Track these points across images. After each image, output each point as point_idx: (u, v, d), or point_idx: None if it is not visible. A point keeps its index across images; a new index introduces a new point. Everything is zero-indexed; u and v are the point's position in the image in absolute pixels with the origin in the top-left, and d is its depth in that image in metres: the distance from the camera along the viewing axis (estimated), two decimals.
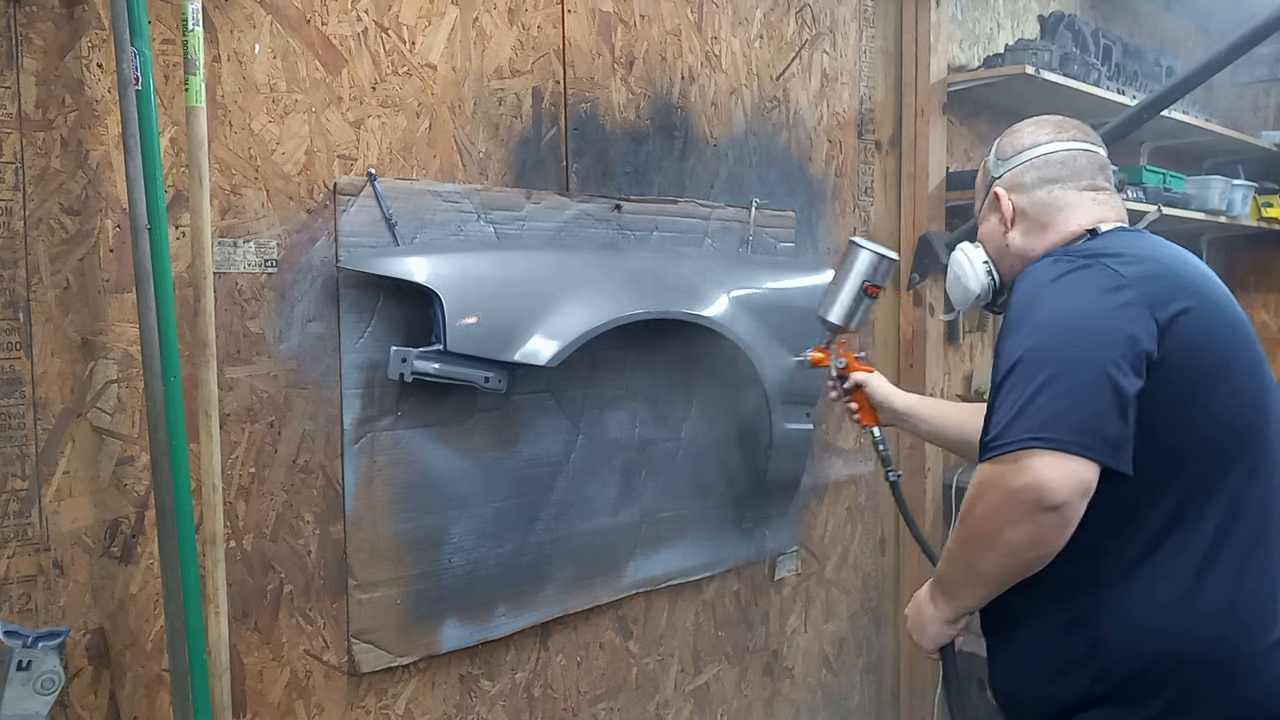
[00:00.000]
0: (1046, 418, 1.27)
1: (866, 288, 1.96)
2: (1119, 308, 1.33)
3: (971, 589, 1.45)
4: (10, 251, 1.47)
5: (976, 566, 1.40)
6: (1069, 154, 1.56)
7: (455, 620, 1.97)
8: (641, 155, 2.28)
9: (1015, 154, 1.59)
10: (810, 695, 2.81)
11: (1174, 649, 1.34)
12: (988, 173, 1.64)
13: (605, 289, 2.03)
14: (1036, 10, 3.45)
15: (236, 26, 1.67)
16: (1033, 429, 1.27)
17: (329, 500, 1.81)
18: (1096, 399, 1.27)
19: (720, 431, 2.43)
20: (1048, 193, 1.54)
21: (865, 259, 1.96)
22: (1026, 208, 1.56)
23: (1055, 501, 1.25)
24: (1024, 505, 1.27)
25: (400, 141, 1.87)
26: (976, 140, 3.23)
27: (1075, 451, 1.25)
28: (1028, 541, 1.30)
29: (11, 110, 1.46)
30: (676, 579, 2.38)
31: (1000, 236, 1.59)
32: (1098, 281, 1.37)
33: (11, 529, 1.49)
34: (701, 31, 2.39)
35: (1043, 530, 1.28)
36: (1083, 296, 1.36)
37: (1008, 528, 1.30)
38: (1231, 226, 3.82)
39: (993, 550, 1.35)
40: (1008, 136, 1.63)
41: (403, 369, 1.78)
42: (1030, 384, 1.29)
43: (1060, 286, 1.39)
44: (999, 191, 1.58)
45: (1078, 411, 1.27)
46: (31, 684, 1.39)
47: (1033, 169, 1.56)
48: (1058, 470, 1.25)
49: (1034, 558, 1.32)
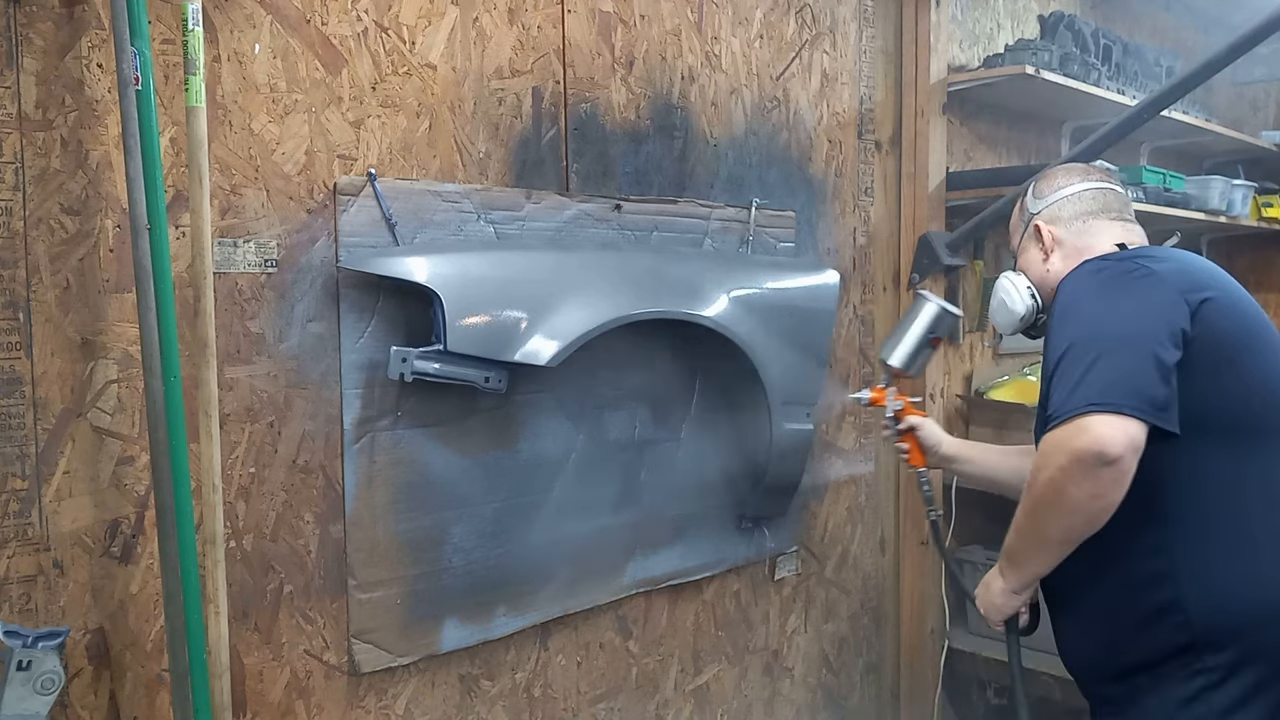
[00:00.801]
0: (1101, 386, 1.43)
1: (931, 339, 2.14)
2: (1154, 292, 1.53)
3: (1038, 554, 1.60)
4: (10, 251, 1.47)
5: (1044, 530, 1.54)
6: (1099, 191, 1.80)
7: (455, 620, 1.97)
8: (641, 155, 2.28)
9: (1052, 193, 1.81)
10: (810, 695, 2.81)
11: (1245, 600, 1.49)
12: (1025, 210, 1.86)
13: (605, 289, 2.03)
14: (1036, 10, 3.45)
15: (236, 26, 1.67)
16: (1090, 396, 1.43)
17: (329, 500, 1.81)
18: (1142, 368, 1.44)
19: (720, 431, 2.43)
20: (1083, 223, 1.77)
21: (931, 311, 2.13)
22: (1064, 237, 1.77)
23: (1113, 456, 1.40)
24: (1085, 462, 1.42)
25: (400, 141, 1.87)
26: (976, 140, 3.23)
27: (1126, 412, 1.41)
28: (1088, 495, 1.44)
29: (11, 110, 1.46)
30: (676, 579, 2.38)
31: (1040, 264, 1.80)
32: (1133, 273, 1.58)
33: (11, 529, 1.49)
34: (701, 31, 2.39)
35: (1102, 484, 1.42)
36: (1121, 287, 1.56)
37: (1071, 485, 1.44)
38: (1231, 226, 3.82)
39: (1058, 510, 1.49)
40: (1043, 180, 1.86)
41: (403, 369, 1.78)
42: (1082, 364, 1.47)
43: (1100, 281, 1.60)
44: (1039, 224, 1.80)
45: (1127, 380, 1.44)
46: (31, 684, 1.39)
47: (1069, 204, 1.79)
48: (1113, 428, 1.41)
49: (1096, 511, 1.46)
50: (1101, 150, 2.54)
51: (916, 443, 2.14)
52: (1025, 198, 1.88)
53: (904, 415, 2.14)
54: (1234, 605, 1.49)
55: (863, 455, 2.91)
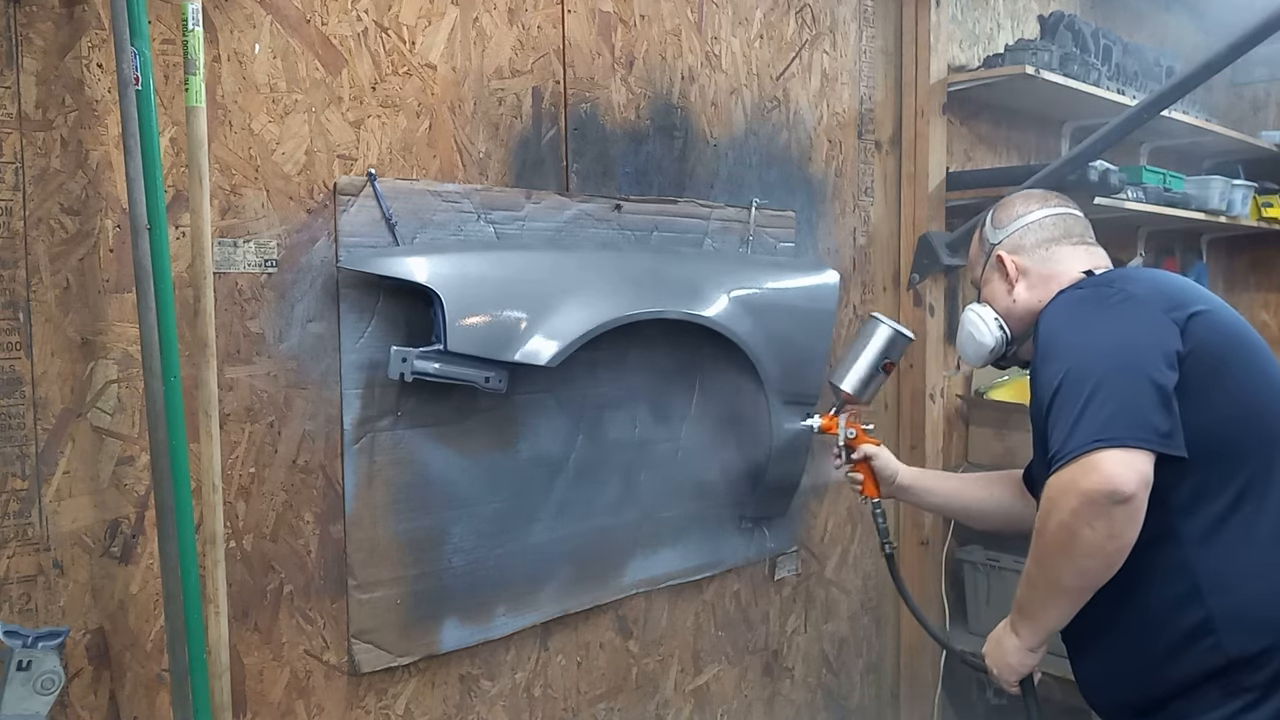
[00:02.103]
0: (1102, 420, 1.39)
1: (884, 364, 2.02)
2: (1140, 316, 1.50)
3: (1056, 605, 1.52)
4: (10, 251, 1.47)
5: (1059, 578, 1.48)
6: (1060, 217, 1.76)
7: (455, 620, 1.97)
8: (641, 155, 2.28)
9: (1012, 221, 1.78)
10: (810, 695, 2.81)
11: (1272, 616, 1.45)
12: (985, 240, 1.82)
13: (605, 289, 2.03)
14: (1036, 10, 3.45)
15: (236, 26, 1.67)
16: (1093, 433, 1.39)
17: (329, 500, 1.81)
18: (1142, 397, 1.40)
19: (720, 431, 2.43)
20: (1047, 250, 1.73)
21: (884, 335, 2.01)
22: (1029, 266, 1.74)
23: (1126, 494, 1.36)
24: (1097, 503, 1.37)
25: (400, 141, 1.87)
26: (976, 140, 3.23)
27: (1133, 445, 1.37)
28: (1104, 537, 1.39)
29: (11, 110, 1.46)
30: (676, 579, 2.38)
31: (1006, 295, 1.76)
32: (1112, 299, 1.54)
33: (11, 529, 1.49)
34: (701, 31, 2.39)
35: (1117, 524, 1.38)
36: (1104, 314, 1.53)
37: (1085, 527, 1.39)
38: (1231, 226, 3.82)
39: (1072, 555, 1.43)
40: (1001, 209, 1.82)
41: (403, 369, 1.78)
42: (1079, 398, 1.42)
43: (1081, 312, 1.56)
44: (1001, 254, 1.76)
45: (1128, 410, 1.39)
46: (31, 684, 1.39)
47: (1031, 232, 1.75)
48: (1122, 465, 1.36)
49: (1113, 552, 1.41)
50: (1101, 150, 2.54)
51: (871, 473, 2.05)
52: (984, 228, 1.83)
53: (857, 444, 2.05)
54: (1266, 619, 1.45)
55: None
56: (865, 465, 2.05)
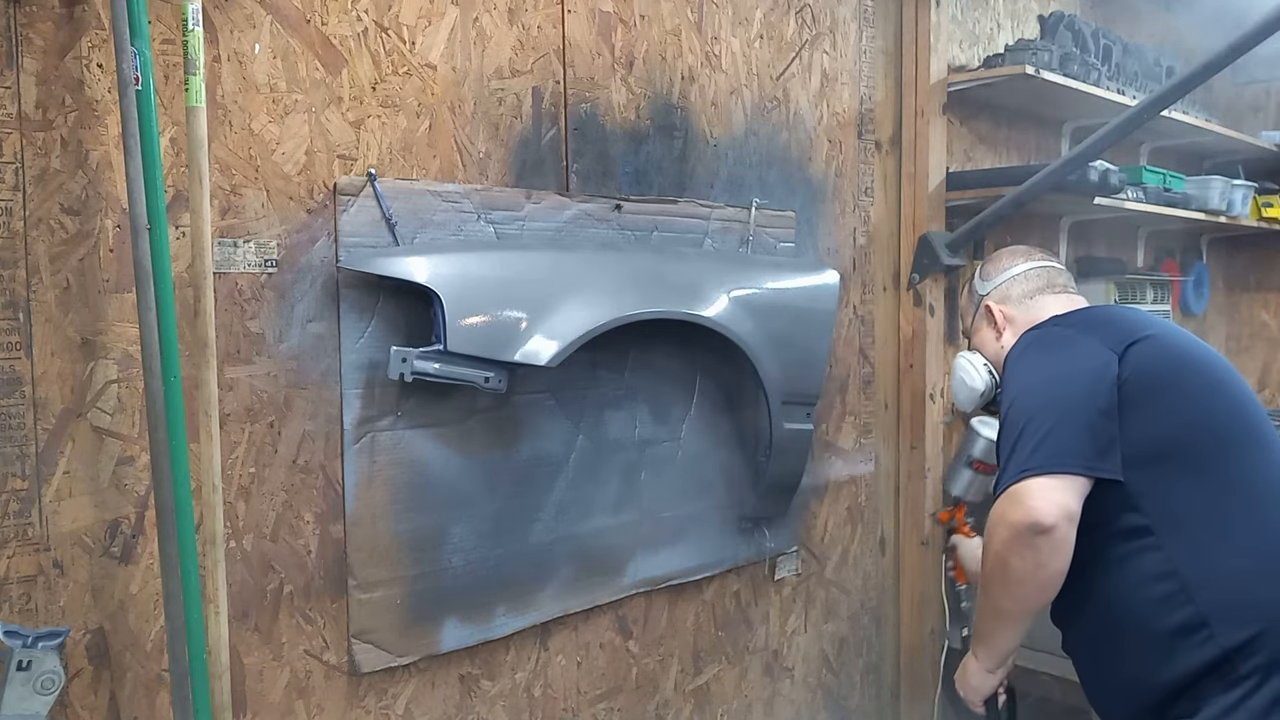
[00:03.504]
0: (1028, 452, 1.50)
1: (975, 464, 2.54)
2: (1077, 350, 1.61)
3: (1001, 630, 1.66)
4: (10, 251, 1.47)
5: (999, 604, 1.60)
6: (1043, 269, 1.92)
7: (455, 620, 1.97)
8: (641, 155, 2.28)
9: (999, 274, 1.94)
10: (810, 695, 2.81)
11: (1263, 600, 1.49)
12: (975, 292, 1.99)
13: (605, 289, 2.03)
14: (1036, 10, 3.45)
15: (236, 26, 1.67)
16: (1020, 464, 1.51)
17: (329, 500, 1.81)
18: (1067, 428, 1.51)
19: (720, 431, 2.43)
20: (1031, 299, 1.88)
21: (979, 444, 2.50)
22: (1015, 315, 1.89)
23: (1046, 525, 1.46)
24: (1021, 534, 1.48)
25: (400, 141, 1.87)
26: (976, 140, 3.23)
27: (1057, 472, 1.48)
28: (1032, 566, 1.49)
29: (11, 110, 1.46)
30: (676, 579, 2.38)
31: (994, 342, 1.92)
32: (1055, 339, 1.68)
33: (11, 529, 1.49)
34: (701, 31, 2.39)
35: (1042, 554, 1.47)
36: (1045, 353, 1.66)
37: (1013, 557, 1.50)
38: (1231, 226, 3.83)
39: (1006, 582, 1.54)
40: (990, 264, 1.99)
41: (403, 369, 1.78)
42: (1015, 432, 1.54)
43: (1029, 352, 1.70)
44: (989, 305, 1.93)
45: (1053, 441, 1.50)
46: (31, 684, 1.39)
47: (1017, 284, 1.91)
48: (1043, 499, 1.46)
49: (1043, 581, 1.50)
50: (1101, 150, 2.54)
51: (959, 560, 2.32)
52: (973, 281, 2.00)
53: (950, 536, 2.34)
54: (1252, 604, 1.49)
55: (863, 455, 2.91)
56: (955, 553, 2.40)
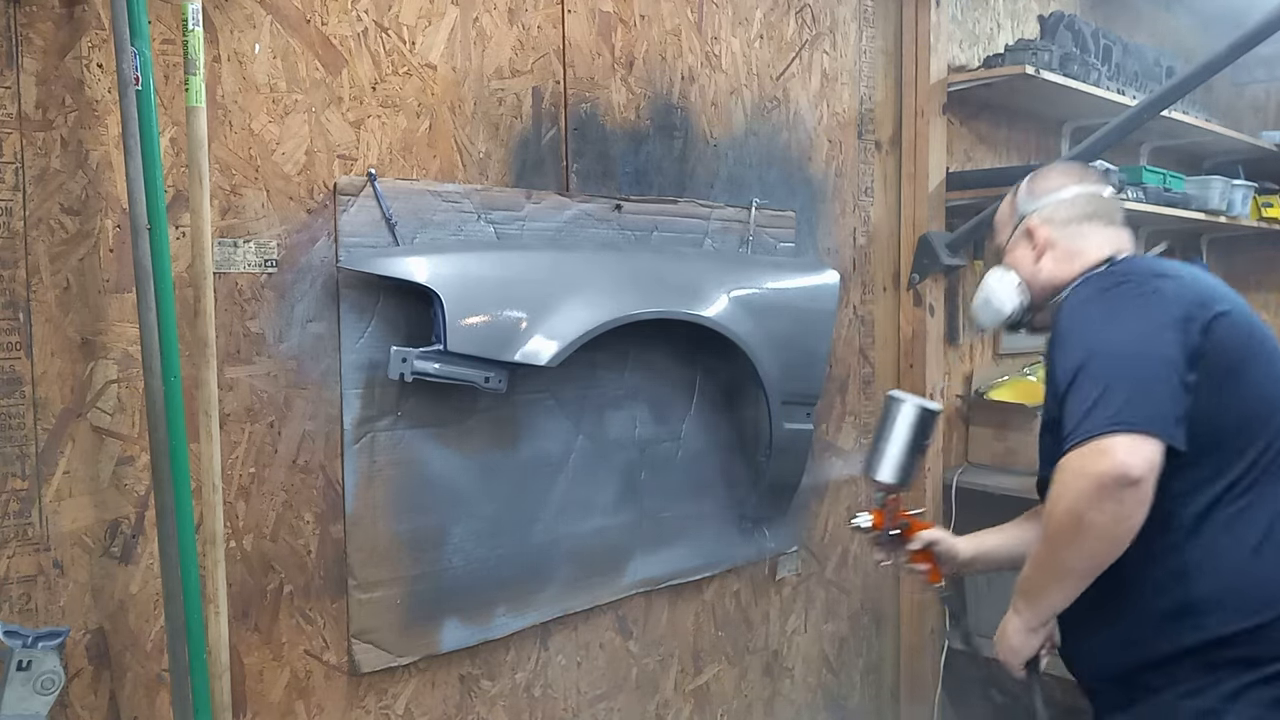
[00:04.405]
0: (1117, 406, 1.43)
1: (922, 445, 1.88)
2: (1166, 311, 1.52)
3: (1059, 587, 1.56)
4: (10, 251, 1.47)
5: (1066, 560, 1.51)
6: (1094, 196, 1.79)
7: (455, 620, 1.97)
8: (641, 155, 2.28)
9: (1047, 194, 1.80)
10: (810, 695, 2.81)
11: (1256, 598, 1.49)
12: (1018, 207, 1.85)
13: (605, 289, 2.03)
14: (1036, 10, 3.45)
15: (236, 26, 1.67)
16: (1108, 417, 1.43)
17: (329, 500, 1.81)
18: (1159, 388, 1.45)
19: (720, 431, 2.43)
20: (1077, 227, 1.76)
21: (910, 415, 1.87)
22: (1058, 239, 1.76)
23: (1135, 477, 1.40)
24: (1107, 486, 1.41)
25: (400, 141, 1.87)
26: (976, 140, 3.23)
27: (1146, 432, 1.41)
28: (1111, 519, 1.42)
29: (11, 110, 1.46)
30: (676, 579, 2.38)
31: (1031, 264, 1.79)
32: (1140, 292, 1.57)
33: (11, 529, 1.49)
34: (701, 31, 2.39)
35: (1126, 507, 1.41)
36: (1131, 306, 1.56)
37: (1093, 510, 1.42)
38: (1231, 226, 3.82)
39: (1081, 537, 1.46)
40: (1039, 179, 1.84)
41: (403, 369, 1.78)
42: (1097, 385, 1.46)
43: (1108, 301, 1.59)
44: (1033, 224, 1.79)
45: (1144, 399, 1.44)
46: (31, 684, 1.38)
47: (1064, 207, 1.78)
48: (1133, 450, 1.40)
49: (1120, 535, 1.44)
50: (1101, 150, 2.54)
51: (933, 558, 1.93)
52: (1018, 195, 1.86)
53: (912, 533, 1.91)
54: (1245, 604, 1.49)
55: (862, 455, 2.90)
56: (927, 553, 1.93)
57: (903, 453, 1.86)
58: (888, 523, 1.91)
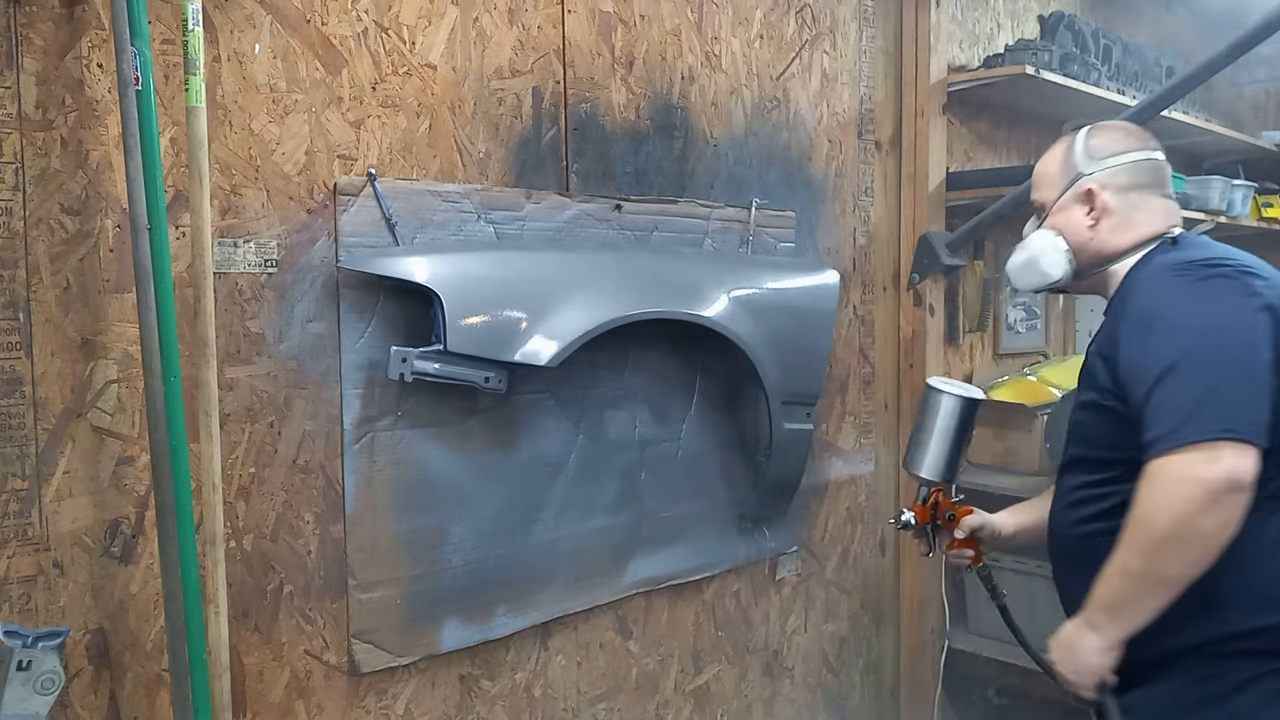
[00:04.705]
0: (1227, 411, 1.39)
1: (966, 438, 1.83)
2: (1258, 311, 1.48)
3: (1153, 598, 1.47)
4: (10, 251, 1.47)
5: (1164, 569, 1.44)
6: (1155, 163, 1.71)
7: (455, 620, 1.97)
8: (641, 155, 2.28)
9: (1110, 155, 1.70)
10: (810, 695, 2.81)
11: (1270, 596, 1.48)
12: (1073, 165, 1.72)
13: (605, 289, 2.03)
14: (1036, 10, 3.45)
15: (236, 26, 1.67)
16: (1219, 422, 1.39)
17: (329, 500, 1.81)
18: (1260, 393, 1.42)
19: (720, 431, 2.43)
20: (1138, 196, 1.68)
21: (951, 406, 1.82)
22: (1117, 207, 1.68)
23: (1246, 484, 1.38)
24: (1219, 491, 1.37)
25: (400, 141, 1.87)
26: (976, 140, 3.23)
27: (1250, 439, 1.39)
28: (1218, 526, 1.39)
29: (11, 110, 1.46)
30: (676, 579, 2.38)
31: (1085, 229, 1.69)
32: (1234, 287, 1.51)
33: (11, 529, 1.49)
34: (701, 31, 2.39)
35: (1232, 513, 1.38)
36: (1226, 302, 1.50)
37: (1204, 515, 1.38)
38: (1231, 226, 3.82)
39: (1185, 545, 1.41)
40: (1099, 137, 1.73)
41: (403, 369, 1.78)
42: (1202, 382, 1.42)
43: (1198, 293, 1.52)
44: (1094, 187, 1.68)
45: (1249, 404, 1.41)
46: (31, 684, 1.38)
47: (1126, 172, 1.69)
48: (1243, 456, 1.38)
49: (1222, 543, 1.40)
50: None
51: (975, 543, 1.87)
52: (1074, 152, 1.73)
53: (956, 523, 1.85)
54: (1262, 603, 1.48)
55: (863, 455, 2.91)
56: (972, 540, 1.87)
57: (946, 446, 1.81)
58: (933, 517, 1.87)
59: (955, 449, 1.82)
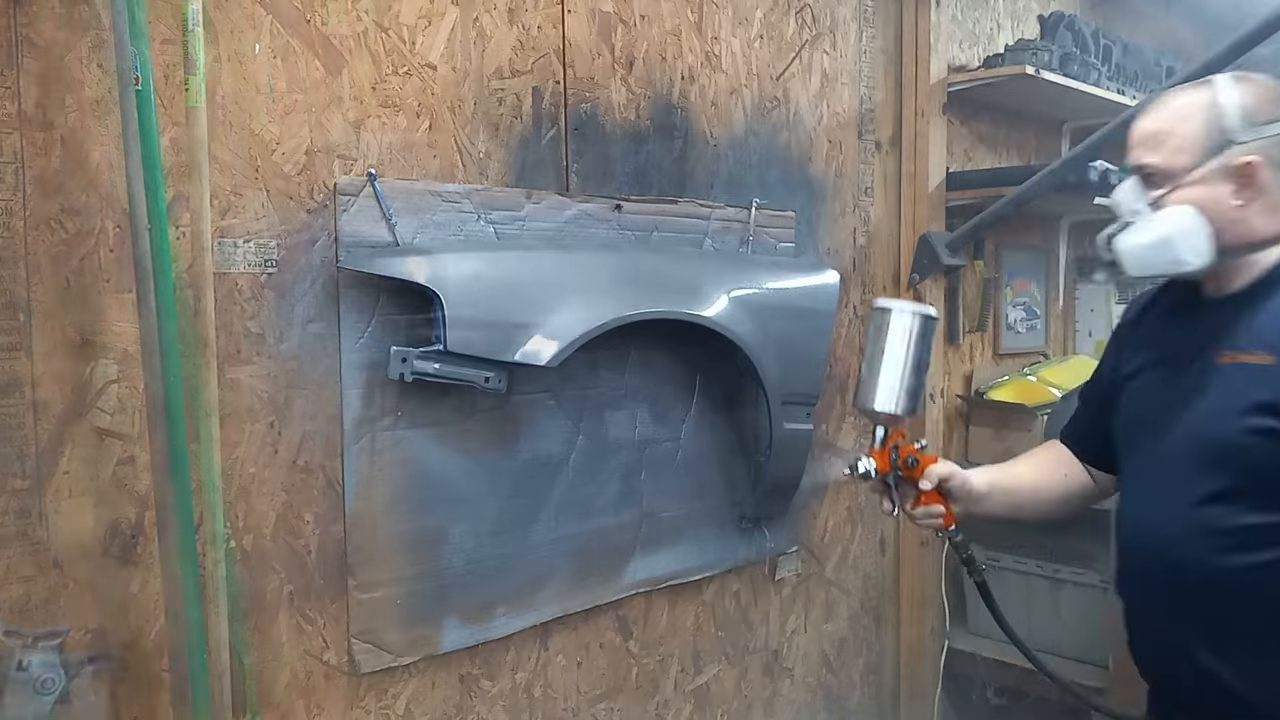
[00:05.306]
0: None
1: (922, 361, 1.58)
2: None
3: None
4: (10, 251, 1.47)
5: None
6: None
7: (455, 620, 1.97)
8: (641, 155, 2.28)
9: (1273, 122, 1.41)
10: (810, 695, 2.81)
11: None
12: (1226, 130, 1.41)
13: (605, 289, 2.03)
14: (1036, 10, 3.45)
15: (236, 26, 1.67)
16: None
17: (329, 500, 1.81)
18: None
19: (720, 431, 2.43)
20: None
21: (904, 324, 1.57)
22: (1273, 186, 1.42)
23: None
24: None
25: (400, 141, 1.87)
26: (976, 140, 3.23)
27: None
28: None
29: (11, 110, 1.46)
30: (676, 579, 2.38)
31: (1232, 209, 1.41)
32: None
33: (11, 529, 1.49)
34: (701, 31, 2.39)
35: None
36: None
37: None
38: None
39: None
40: (1256, 97, 1.43)
41: (403, 369, 1.78)
42: None
43: None
44: (1252, 161, 1.39)
45: None
46: (31, 684, 1.39)
47: None
48: None
49: None
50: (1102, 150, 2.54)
51: (944, 498, 1.62)
52: (1225, 114, 1.42)
53: (920, 471, 1.59)
54: None
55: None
56: (937, 494, 1.62)
57: (903, 373, 1.56)
58: (893, 462, 1.60)
59: (915, 376, 1.56)
